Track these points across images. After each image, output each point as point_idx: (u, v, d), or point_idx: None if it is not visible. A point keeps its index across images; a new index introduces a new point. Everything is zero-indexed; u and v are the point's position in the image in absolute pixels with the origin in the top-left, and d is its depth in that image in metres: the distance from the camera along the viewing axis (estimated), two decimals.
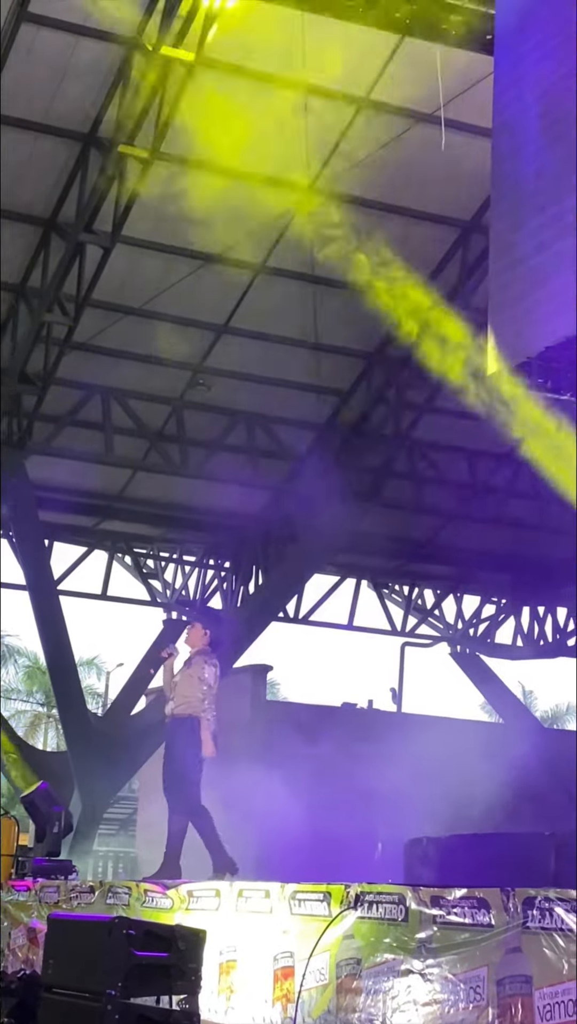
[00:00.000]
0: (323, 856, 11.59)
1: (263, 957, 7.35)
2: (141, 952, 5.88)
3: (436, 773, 15.82)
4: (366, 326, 15.42)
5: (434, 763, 16.13)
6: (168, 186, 13.52)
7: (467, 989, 5.84)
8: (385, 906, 6.47)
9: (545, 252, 7.73)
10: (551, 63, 7.59)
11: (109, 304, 14.51)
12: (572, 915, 5.38)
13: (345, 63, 12.56)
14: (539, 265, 7.83)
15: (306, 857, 11.34)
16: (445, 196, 14.04)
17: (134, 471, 17.10)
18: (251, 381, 15.93)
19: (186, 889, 8.35)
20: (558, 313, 7.77)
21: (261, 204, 13.83)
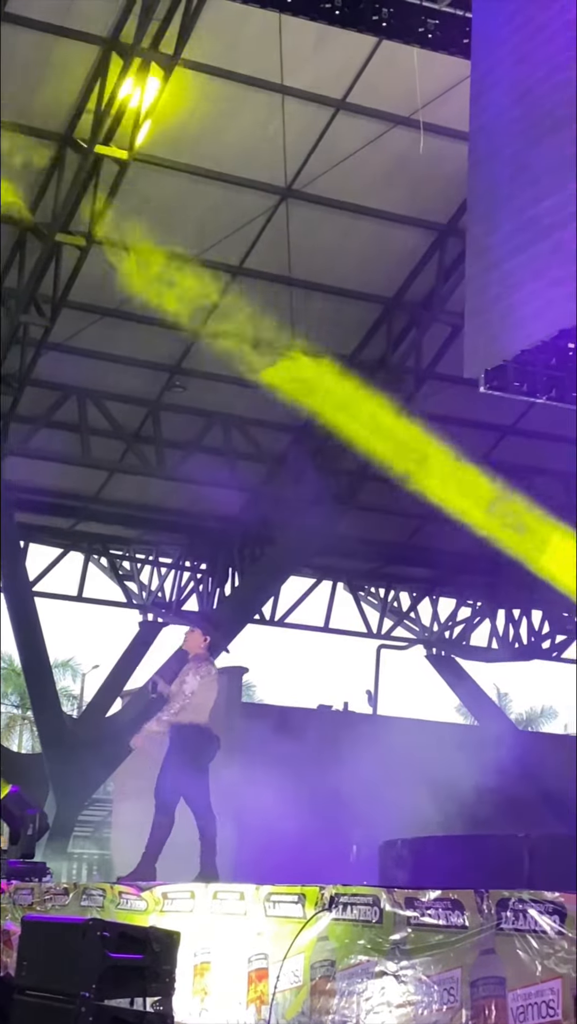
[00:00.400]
0: (298, 858, 11.59)
1: (237, 959, 7.35)
2: (115, 954, 5.87)
3: (411, 775, 15.84)
4: (342, 329, 15.46)
5: (409, 765, 16.15)
6: (145, 187, 13.54)
7: (441, 991, 5.85)
8: (359, 908, 6.47)
9: (521, 255, 7.76)
10: (528, 67, 7.61)
11: (86, 305, 14.49)
12: (546, 917, 5.39)
13: (323, 66, 12.59)
14: (515, 269, 7.86)
15: (281, 859, 11.34)
16: (422, 199, 14.07)
17: (111, 473, 17.07)
18: (228, 383, 15.92)
19: (160, 891, 8.34)
20: (534, 317, 7.80)
21: (239, 206, 13.86)
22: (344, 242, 14.49)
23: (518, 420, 16.88)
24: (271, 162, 13.34)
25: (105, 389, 15.81)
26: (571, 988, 5.25)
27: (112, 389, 15.86)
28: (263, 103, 12.84)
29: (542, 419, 16.28)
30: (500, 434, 17.24)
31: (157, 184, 13.55)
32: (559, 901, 5.38)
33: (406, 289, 15.09)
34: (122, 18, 11.98)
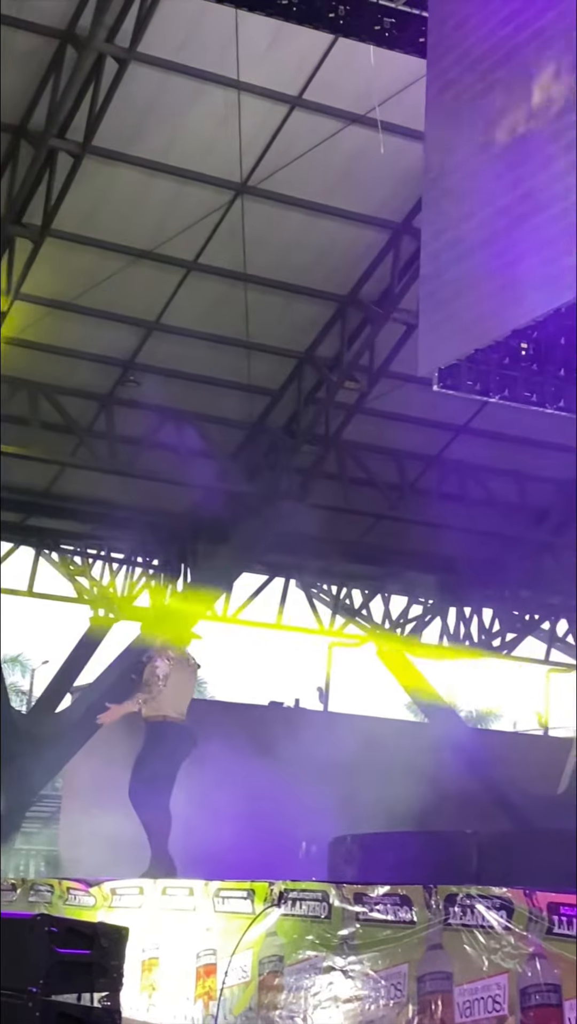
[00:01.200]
0: (248, 854, 11.60)
1: (186, 954, 7.36)
2: (63, 949, 5.86)
3: (362, 772, 15.89)
4: (297, 326, 15.48)
5: (360, 762, 16.20)
6: (100, 181, 13.49)
7: (388, 986, 5.88)
8: (308, 903, 6.50)
9: (474, 256, 7.80)
10: (480, 70, 7.66)
11: (38, 298, 14.41)
12: (493, 912, 5.43)
13: (279, 62, 12.59)
14: (468, 269, 7.90)
15: (230, 855, 11.35)
16: (377, 197, 14.10)
17: (62, 467, 16.99)
18: (181, 379, 15.90)
19: (109, 887, 8.34)
20: (487, 316, 7.84)
21: (194, 201, 13.84)
22: (299, 239, 14.49)
23: (471, 419, 16.95)
24: (227, 158, 13.32)
25: (57, 383, 15.75)
26: (517, 983, 5.29)
27: (64, 383, 15.79)
28: (219, 98, 12.82)
29: (495, 419, 16.38)
30: (453, 433, 17.31)
31: (112, 177, 13.50)
32: (506, 897, 5.42)
33: (360, 287, 15.12)
34: (78, 11, 11.93)
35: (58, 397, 15.77)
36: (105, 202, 13.77)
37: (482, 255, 7.95)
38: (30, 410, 15.58)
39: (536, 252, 7.37)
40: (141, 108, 12.87)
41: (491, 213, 7.80)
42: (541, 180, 7.30)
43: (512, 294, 7.71)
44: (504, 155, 7.53)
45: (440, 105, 8.22)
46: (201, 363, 15.68)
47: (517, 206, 7.51)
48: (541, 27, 7.10)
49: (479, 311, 8.10)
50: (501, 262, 7.77)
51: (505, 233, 7.68)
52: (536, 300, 7.52)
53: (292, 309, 15.22)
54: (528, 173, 7.45)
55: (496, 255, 7.80)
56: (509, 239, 7.63)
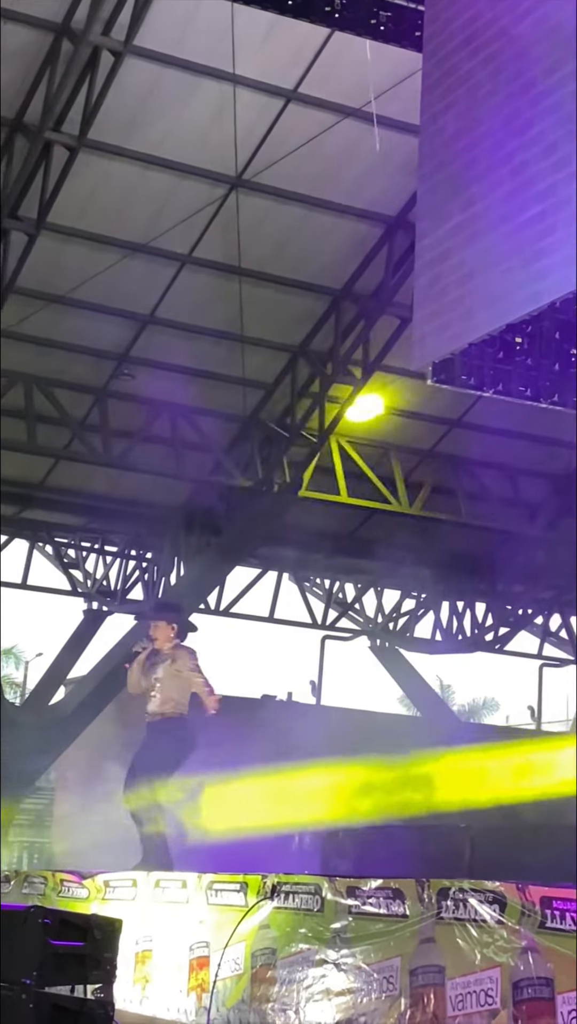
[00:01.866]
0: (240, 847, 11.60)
1: (179, 947, 7.38)
2: (56, 941, 5.87)
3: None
4: (291, 320, 15.47)
5: (353, 755, 16.20)
6: (95, 174, 13.48)
7: (380, 979, 5.90)
8: (301, 896, 6.51)
9: (468, 248, 7.79)
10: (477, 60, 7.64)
11: (33, 292, 14.41)
12: (485, 906, 5.45)
13: (274, 55, 12.58)
14: (462, 262, 7.89)
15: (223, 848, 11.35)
16: (371, 191, 14.09)
17: (56, 460, 17.00)
18: (176, 372, 15.89)
19: (103, 879, 8.35)
20: (482, 309, 7.84)
21: (188, 194, 13.83)
22: (293, 233, 14.49)
23: (465, 413, 16.97)
24: (222, 151, 13.31)
25: (52, 376, 15.74)
26: (509, 977, 5.31)
27: (59, 376, 15.78)
28: (214, 92, 12.81)
29: (489, 413, 16.39)
30: (447, 427, 17.33)
31: (107, 170, 13.49)
32: (499, 891, 5.44)
33: (355, 281, 15.12)
34: (73, 4, 11.91)
35: (53, 390, 15.77)
36: (100, 195, 13.76)
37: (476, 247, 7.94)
38: (25, 403, 15.57)
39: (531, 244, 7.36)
40: (136, 101, 12.85)
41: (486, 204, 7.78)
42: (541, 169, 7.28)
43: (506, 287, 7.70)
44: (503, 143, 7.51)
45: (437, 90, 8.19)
46: (195, 357, 15.67)
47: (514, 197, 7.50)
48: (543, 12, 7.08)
49: (472, 304, 8.09)
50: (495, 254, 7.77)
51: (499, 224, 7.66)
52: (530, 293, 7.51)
53: (286, 303, 15.22)
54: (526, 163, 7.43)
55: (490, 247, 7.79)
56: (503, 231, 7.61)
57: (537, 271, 7.30)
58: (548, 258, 7.03)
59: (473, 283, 7.78)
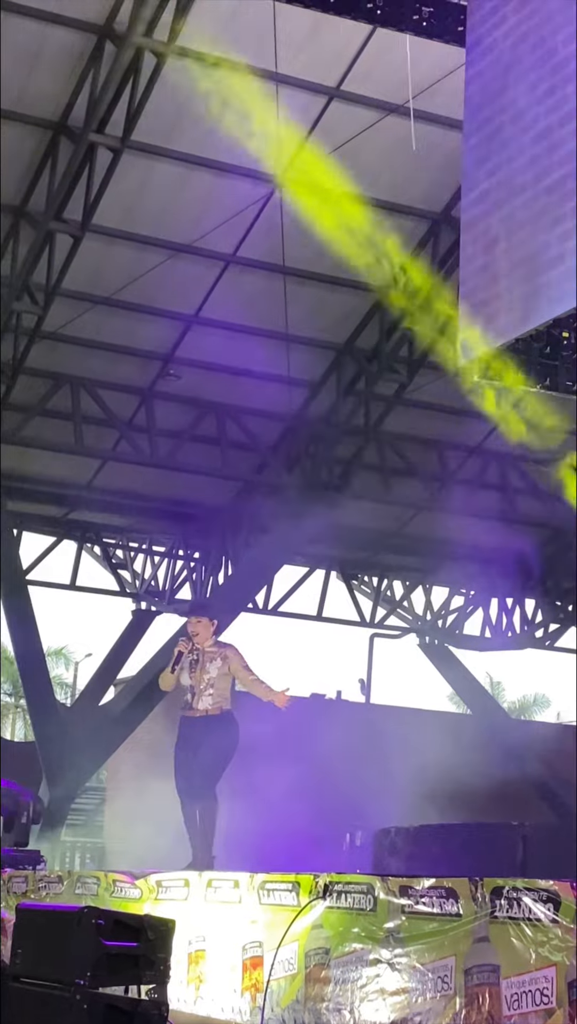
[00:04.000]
0: (293, 846, 11.62)
1: (232, 947, 7.37)
2: (110, 942, 5.88)
3: (405, 764, 15.88)
4: (336, 318, 15.45)
5: (403, 754, 16.19)
6: (139, 175, 13.51)
7: (435, 978, 5.87)
8: (354, 896, 6.49)
9: (514, 244, 7.75)
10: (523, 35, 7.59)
11: (79, 293, 14.47)
12: (540, 905, 5.41)
13: (317, 53, 12.56)
14: (508, 257, 7.85)
15: (275, 847, 11.38)
16: (416, 188, 14.05)
17: (103, 461, 17.06)
18: (221, 372, 15.91)
19: (155, 879, 8.36)
20: (527, 304, 7.79)
21: (233, 194, 13.83)
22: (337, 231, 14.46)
23: None
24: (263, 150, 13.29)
25: (98, 377, 15.80)
26: (565, 976, 5.26)
27: (105, 377, 15.84)
28: (257, 91, 12.79)
29: None
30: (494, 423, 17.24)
31: (150, 171, 13.52)
32: (553, 889, 5.39)
33: None
34: (116, 6, 11.94)
35: (99, 391, 15.82)
36: (144, 196, 13.80)
37: (521, 242, 7.90)
38: (72, 405, 15.64)
39: None
40: (179, 101, 12.86)
41: (532, 195, 7.73)
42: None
43: (553, 280, 7.65)
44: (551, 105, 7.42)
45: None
46: (240, 356, 15.68)
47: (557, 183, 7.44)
48: None
49: (518, 300, 8.04)
50: (541, 247, 7.72)
51: (546, 215, 7.61)
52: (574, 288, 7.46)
53: (331, 301, 15.20)
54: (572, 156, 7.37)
55: (537, 240, 7.74)
56: (550, 221, 7.56)
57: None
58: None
59: (518, 278, 7.74)
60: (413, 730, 18.47)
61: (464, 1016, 5.69)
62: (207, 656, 9.31)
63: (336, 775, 15.51)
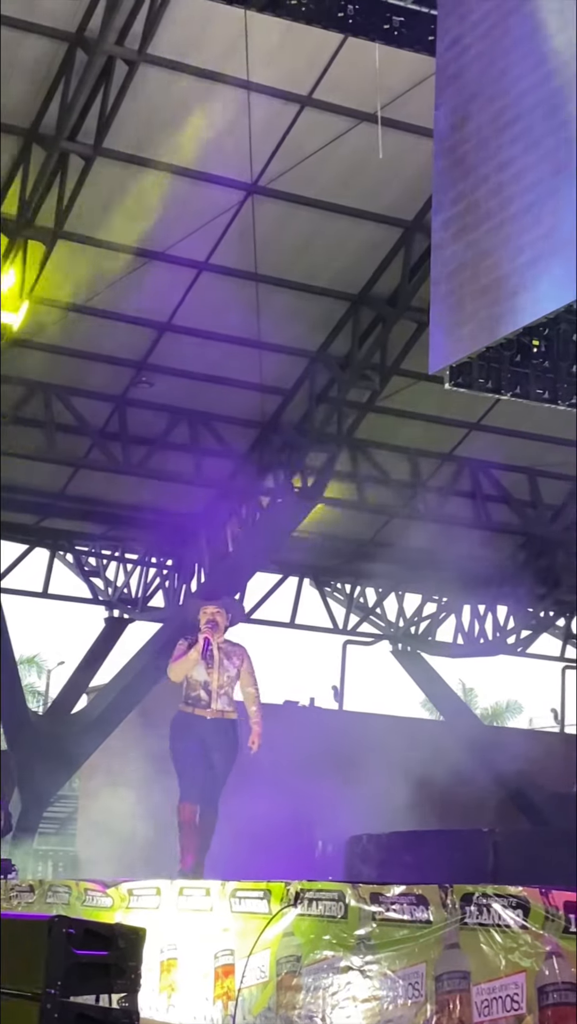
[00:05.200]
0: (264, 854, 11.61)
1: (204, 955, 7.36)
2: (80, 951, 5.86)
3: (377, 771, 15.88)
4: (309, 325, 15.47)
5: (375, 761, 16.19)
6: (111, 182, 13.51)
7: (406, 985, 5.88)
8: (325, 903, 6.50)
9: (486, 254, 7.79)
10: (487, 64, 7.65)
11: (51, 301, 14.44)
12: (509, 911, 5.43)
13: (288, 61, 12.59)
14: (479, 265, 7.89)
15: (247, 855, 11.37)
16: (388, 195, 14.10)
17: (76, 468, 17.03)
18: (194, 379, 15.92)
19: (126, 887, 8.35)
20: (498, 313, 7.83)
21: (204, 201, 13.85)
22: (310, 238, 14.50)
23: (483, 416, 16.94)
24: (237, 157, 13.33)
25: (71, 384, 15.78)
26: (535, 981, 5.28)
27: (78, 385, 15.82)
28: (229, 99, 12.83)
29: (508, 415, 16.39)
30: (466, 430, 17.31)
31: (122, 179, 13.52)
32: (522, 895, 5.42)
33: (372, 285, 15.12)
34: (87, 14, 11.95)
35: (71, 399, 15.80)
36: (117, 204, 13.78)
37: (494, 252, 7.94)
38: (44, 412, 15.61)
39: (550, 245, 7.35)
40: (151, 109, 12.88)
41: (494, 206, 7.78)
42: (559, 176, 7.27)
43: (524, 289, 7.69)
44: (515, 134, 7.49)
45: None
46: (213, 363, 15.69)
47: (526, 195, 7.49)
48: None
49: (490, 308, 8.08)
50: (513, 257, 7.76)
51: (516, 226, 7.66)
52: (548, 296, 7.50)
53: (304, 308, 15.22)
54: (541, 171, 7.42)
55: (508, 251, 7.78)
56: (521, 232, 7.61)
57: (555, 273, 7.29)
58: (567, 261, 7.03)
59: (489, 286, 7.78)
60: (386, 737, 18.47)
61: (435, 1022, 5.70)
62: (223, 652, 8.80)
63: (309, 782, 15.49)
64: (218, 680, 8.72)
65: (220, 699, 8.71)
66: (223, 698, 8.72)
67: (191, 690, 8.78)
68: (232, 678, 8.75)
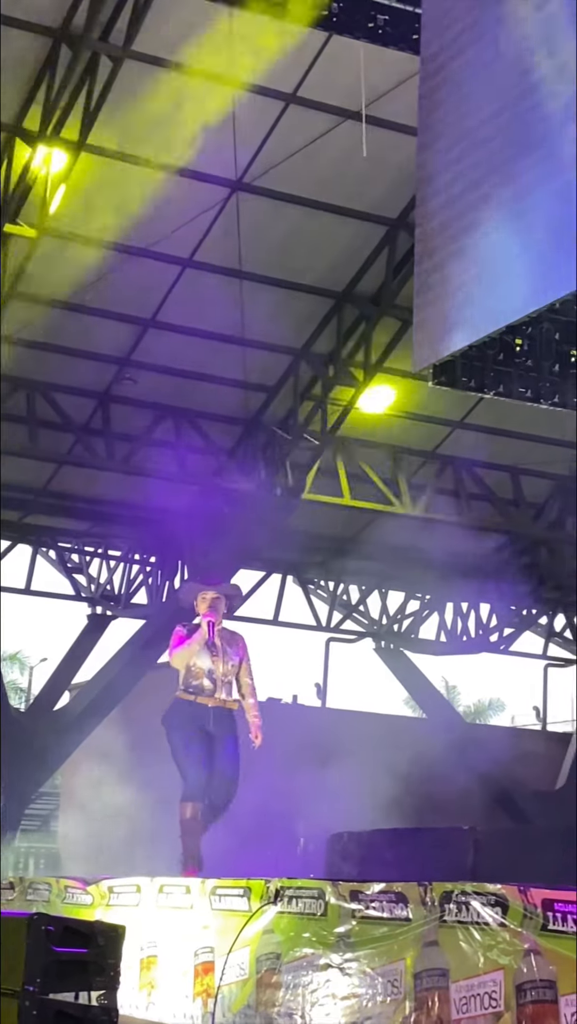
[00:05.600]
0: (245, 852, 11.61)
1: (184, 952, 7.37)
2: (59, 948, 5.86)
3: (360, 768, 15.88)
4: (293, 322, 15.47)
5: (358, 758, 16.19)
6: (95, 178, 13.48)
7: (385, 983, 5.90)
8: (305, 901, 6.51)
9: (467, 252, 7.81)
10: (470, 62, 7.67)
11: (34, 296, 14.41)
12: (488, 909, 5.44)
13: (273, 59, 12.57)
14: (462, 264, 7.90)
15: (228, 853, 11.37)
16: (372, 193, 14.10)
17: (59, 465, 17.00)
18: (178, 376, 15.90)
19: (107, 885, 8.35)
20: (481, 312, 7.85)
21: (189, 197, 13.84)
22: (294, 236, 14.50)
23: (467, 415, 16.97)
24: (222, 154, 13.32)
25: (54, 381, 15.75)
26: (513, 979, 5.30)
27: (61, 381, 15.79)
28: (213, 96, 12.81)
29: (491, 414, 16.42)
30: (450, 428, 17.33)
31: (107, 174, 13.49)
32: (501, 893, 5.43)
33: (356, 283, 15.13)
34: (72, 9, 11.92)
35: (54, 395, 15.78)
36: (101, 200, 13.75)
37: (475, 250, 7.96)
38: (27, 408, 15.58)
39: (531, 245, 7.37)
40: (136, 105, 12.85)
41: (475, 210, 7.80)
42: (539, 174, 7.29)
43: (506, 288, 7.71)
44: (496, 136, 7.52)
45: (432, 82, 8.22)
46: (197, 360, 15.68)
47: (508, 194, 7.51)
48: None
49: (472, 307, 8.11)
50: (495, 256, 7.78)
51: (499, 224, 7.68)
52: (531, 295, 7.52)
53: (288, 305, 15.22)
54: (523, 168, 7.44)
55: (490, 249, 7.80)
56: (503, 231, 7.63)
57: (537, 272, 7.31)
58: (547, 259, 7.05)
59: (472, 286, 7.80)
60: (368, 734, 18.48)
61: (413, 1020, 5.71)
62: (224, 639, 8.60)
63: (290, 779, 15.48)
64: (223, 668, 8.51)
65: (223, 688, 8.50)
66: (226, 687, 8.51)
67: (193, 678, 8.53)
68: (235, 666, 8.55)
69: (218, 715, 8.54)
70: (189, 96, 12.85)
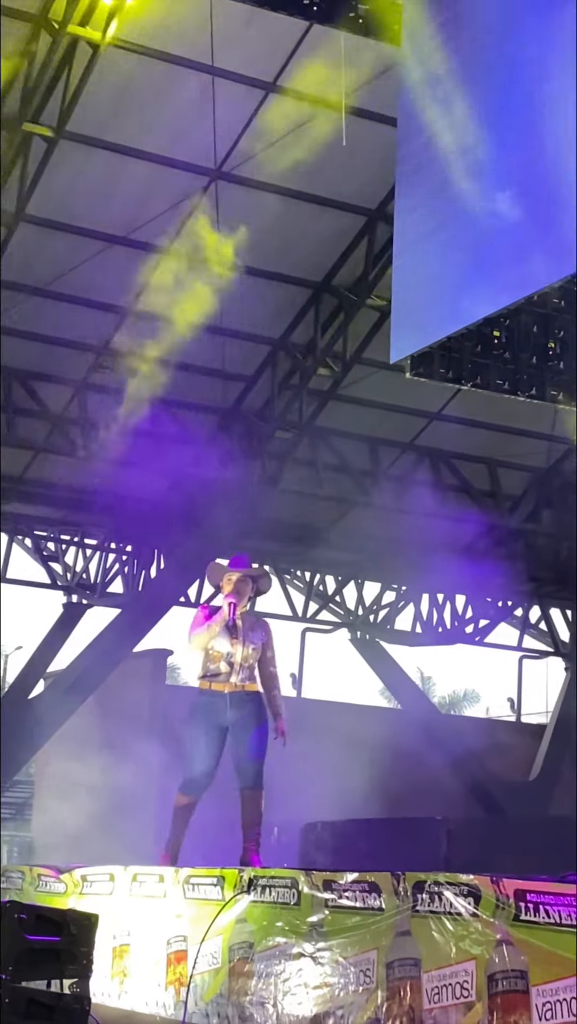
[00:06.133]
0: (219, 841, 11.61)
1: (156, 941, 7.38)
2: (32, 936, 5.86)
3: (335, 758, 15.91)
4: (271, 312, 15.46)
5: (333, 748, 16.22)
6: (74, 166, 13.44)
7: (357, 972, 5.91)
8: (278, 890, 6.52)
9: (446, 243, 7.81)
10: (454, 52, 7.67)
11: (12, 284, 14.35)
12: (461, 899, 5.46)
13: (254, 48, 12.56)
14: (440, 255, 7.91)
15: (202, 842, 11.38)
16: (351, 183, 14.09)
17: (35, 453, 16.94)
18: (156, 364, 15.84)
19: (80, 873, 8.35)
20: (458, 303, 7.86)
21: (168, 186, 13.80)
22: (273, 225, 14.46)
23: (444, 406, 16.98)
24: (201, 143, 13.29)
25: (30, 368, 15.69)
26: (485, 969, 5.32)
27: (38, 369, 15.73)
28: (194, 84, 12.78)
29: (468, 406, 16.43)
30: (427, 419, 17.35)
31: (86, 163, 13.45)
32: (473, 883, 5.45)
33: (334, 274, 15.12)
34: None
35: (31, 383, 15.72)
36: (80, 187, 13.72)
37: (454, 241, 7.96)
38: (3, 396, 15.52)
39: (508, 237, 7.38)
40: (116, 93, 12.81)
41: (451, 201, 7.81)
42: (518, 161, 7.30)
43: (483, 281, 7.72)
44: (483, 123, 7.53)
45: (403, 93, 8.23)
46: (174, 349, 15.62)
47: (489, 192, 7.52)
48: None
49: (450, 298, 8.11)
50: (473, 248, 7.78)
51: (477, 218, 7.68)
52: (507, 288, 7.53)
53: (266, 295, 15.19)
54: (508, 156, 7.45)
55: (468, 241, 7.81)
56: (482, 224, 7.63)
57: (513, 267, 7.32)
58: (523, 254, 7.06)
59: (450, 277, 7.81)
60: (344, 725, 18.50)
61: (385, 1009, 5.73)
62: (247, 624, 8.30)
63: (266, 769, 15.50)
64: (242, 652, 8.22)
65: (241, 672, 8.21)
66: (244, 671, 8.21)
67: (211, 662, 8.26)
68: (256, 650, 8.22)
69: (236, 700, 8.22)
70: (168, 84, 12.82)
